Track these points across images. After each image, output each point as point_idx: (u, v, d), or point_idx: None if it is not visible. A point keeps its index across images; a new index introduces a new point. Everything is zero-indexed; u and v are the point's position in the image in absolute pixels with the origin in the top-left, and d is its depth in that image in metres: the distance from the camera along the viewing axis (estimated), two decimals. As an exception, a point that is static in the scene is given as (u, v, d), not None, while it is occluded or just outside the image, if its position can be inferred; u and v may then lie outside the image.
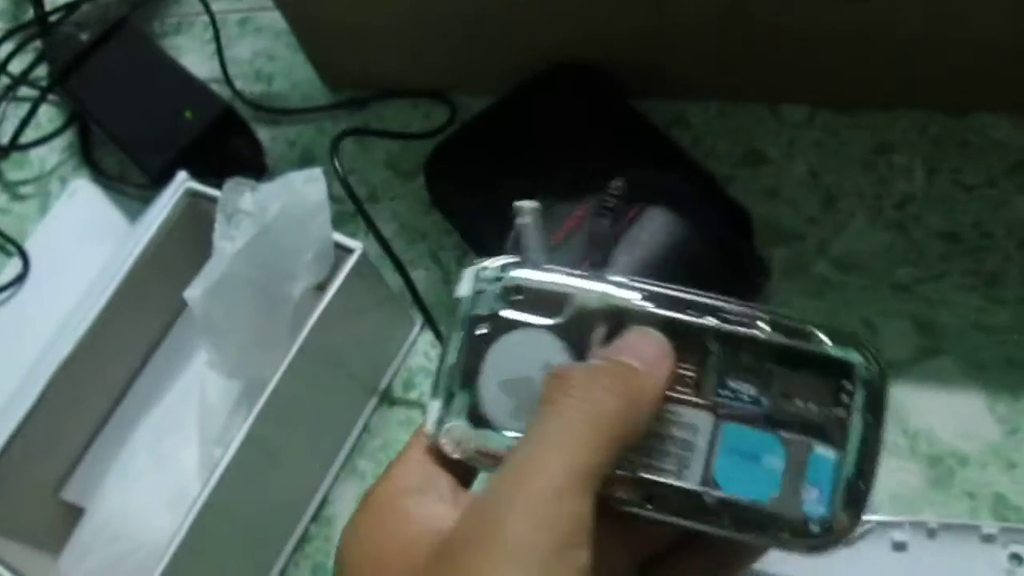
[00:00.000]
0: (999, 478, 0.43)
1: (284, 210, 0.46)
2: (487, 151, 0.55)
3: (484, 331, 0.28)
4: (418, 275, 0.56)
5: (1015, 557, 0.40)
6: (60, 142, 0.70)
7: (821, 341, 0.26)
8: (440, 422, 0.27)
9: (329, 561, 0.51)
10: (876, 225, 0.50)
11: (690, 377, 0.27)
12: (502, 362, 0.27)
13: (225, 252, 0.45)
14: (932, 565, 0.40)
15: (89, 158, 0.68)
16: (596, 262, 0.47)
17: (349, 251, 0.47)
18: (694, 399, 0.27)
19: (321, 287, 0.48)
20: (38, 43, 0.72)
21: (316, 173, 0.48)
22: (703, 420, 0.27)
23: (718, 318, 0.27)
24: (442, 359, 0.28)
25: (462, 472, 0.27)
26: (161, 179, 0.56)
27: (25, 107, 0.70)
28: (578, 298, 0.27)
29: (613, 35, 0.54)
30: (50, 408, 0.50)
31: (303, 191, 0.47)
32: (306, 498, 0.51)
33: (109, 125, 0.63)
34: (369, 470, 0.52)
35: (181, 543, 0.43)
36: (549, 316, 0.27)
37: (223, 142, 0.60)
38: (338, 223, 0.50)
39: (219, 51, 0.67)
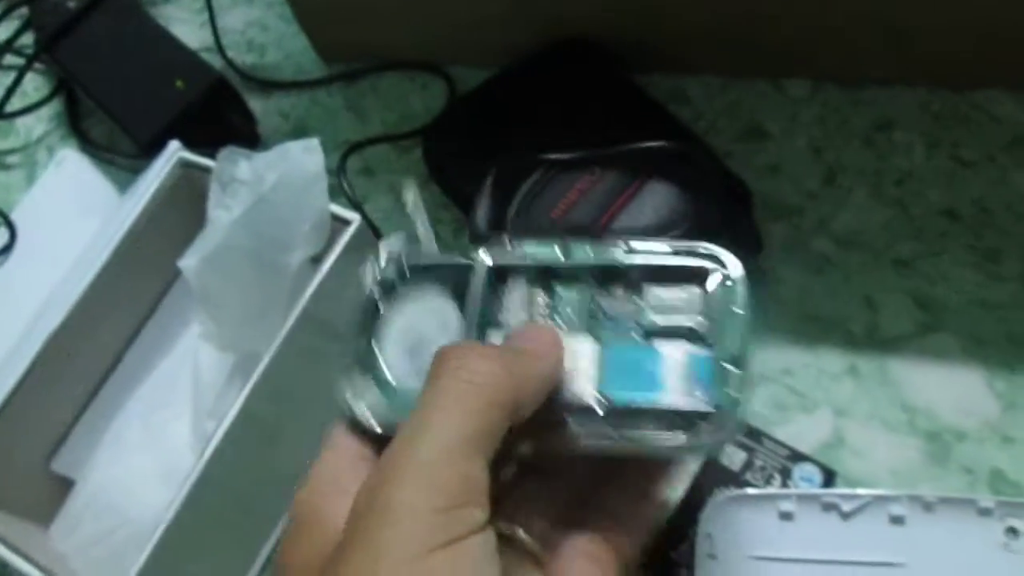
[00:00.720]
0: (997, 454, 0.43)
1: (281, 180, 0.45)
2: (485, 125, 0.54)
3: (386, 307, 0.31)
4: (414, 249, 0.56)
5: (1011, 531, 0.40)
6: (47, 111, 0.69)
7: (677, 254, 0.30)
8: (357, 398, 0.30)
9: (324, 535, 0.51)
10: (876, 201, 0.50)
11: (571, 313, 0.31)
12: (404, 332, 0.31)
13: (221, 221, 0.44)
14: (929, 539, 0.40)
15: (77, 128, 0.67)
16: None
17: (347, 222, 0.47)
18: (576, 332, 0.30)
19: (317, 259, 0.48)
20: (24, 10, 0.71)
21: (313, 143, 0.47)
22: (587, 348, 0.30)
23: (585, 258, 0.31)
24: (352, 339, 0.31)
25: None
26: (151, 149, 0.55)
27: (11, 75, 0.69)
28: (462, 266, 0.31)
29: (613, 9, 0.53)
30: (40, 379, 0.49)
31: (300, 161, 0.46)
32: (302, 474, 0.51)
33: (98, 94, 0.62)
34: (365, 444, 0.52)
35: (174, 518, 0.43)
36: (440, 285, 0.31)
37: (215, 112, 0.59)
38: (335, 195, 0.49)
39: (212, 20, 0.66)
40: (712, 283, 0.30)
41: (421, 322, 0.31)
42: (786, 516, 0.41)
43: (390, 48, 0.62)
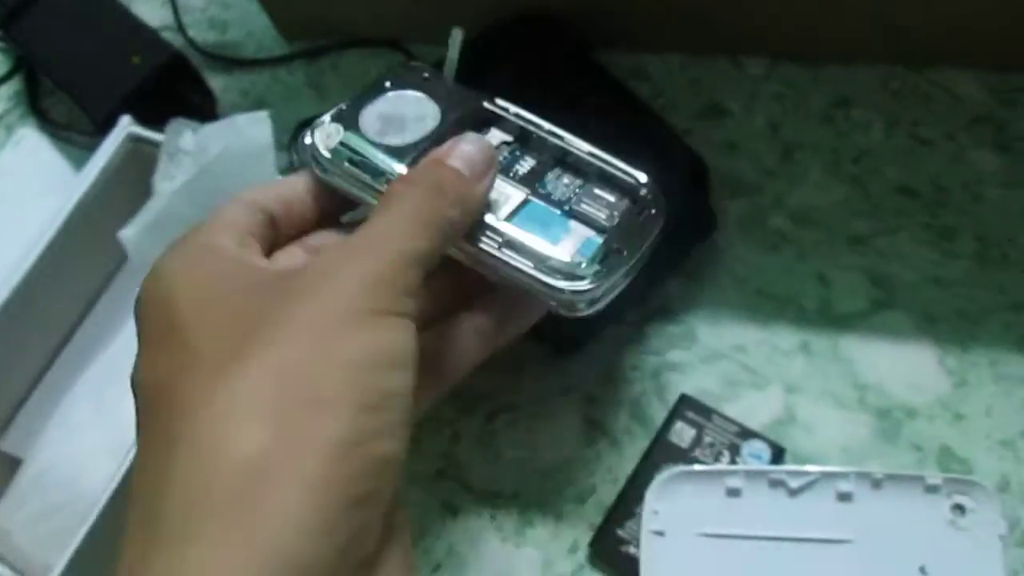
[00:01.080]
0: (946, 431, 0.43)
1: (227, 151, 0.44)
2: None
3: (387, 84, 0.38)
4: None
5: (958, 508, 0.39)
6: (6, 90, 0.68)
7: (620, 166, 0.37)
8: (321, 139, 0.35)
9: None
10: (833, 179, 0.50)
11: (521, 167, 0.37)
12: (387, 103, 0.37)
13: (164, 192, 0.43)
14: (877, 515, 0.40)
15: (36, 107, 0.66)
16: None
17: (295, 196, 0.46)
18: (515, 182, 0.36)
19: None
20: (-17, -12, 0.70)
21: (262, 115, 0.46)
22: (515, 195, 0.36)
23: (553, 133, 0.37)
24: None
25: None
26: (108, 126, 0.54)
27: (-31, 53, 0.68)
28: (465, 97, 0.38)
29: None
30: (-14, 358, 0.48)
31: (248, 133, 0.46)
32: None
33: (55, 72, 0.61)
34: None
35: (116, 490, 0.42)
36: (440, 100, 0.38)
37: (172, 89, 0.58)
38: (288, 171, 0.49)
39: (171, -2, 0.65)
40: (637, 200, 0.36)
41: (406, 108, 0.37)
42: (733, 492, 0.41)
43: (352, 25, 0.61)
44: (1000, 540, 0.39)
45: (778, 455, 0.43)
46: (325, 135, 0.35)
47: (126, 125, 0.51)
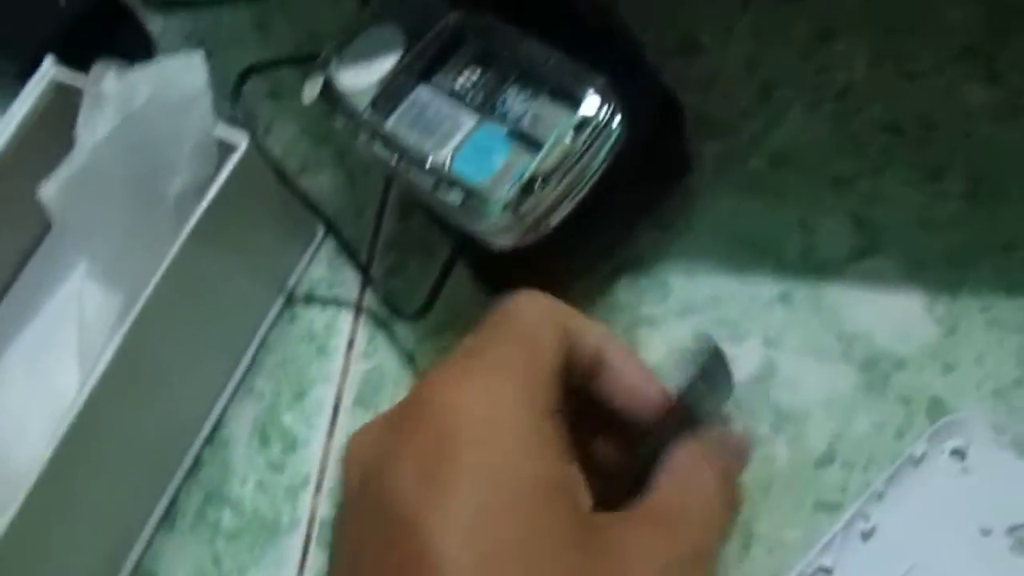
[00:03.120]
0: (935, 381, 0.40)
1: (155, 96, 0.40)
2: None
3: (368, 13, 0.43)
4: (323, 178, 0.52)
5: (956, 453, 0.37)
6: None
7: (574, 74, 0.38)
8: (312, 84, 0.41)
9: (225, 487, 0.47)
10: (814, 117, 0.47)
11: (480, 88, 0.39)
12: (358, 44, 0.42)
13: (86, 144, 0.39)
14: (899, 526, 0.37)
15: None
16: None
17: (233, 147, 0.42)
18: (471, 106, 0.39)
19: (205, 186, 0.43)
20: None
21: (196, 58, 0.42)
22: (469, 120, 0.39)
23: (517, 49, 0.39)
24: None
25: None
26: (30, 73, 0.50)
27: None
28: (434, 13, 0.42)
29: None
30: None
31: (180, 77, 0.42)
32: (198, 419, 0.47)
33: (-26, 13, 0.57)
34: (268, 388, 0.48)
35: (48, 465, 0.39)
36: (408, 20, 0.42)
37: (103, 31, 0.54)
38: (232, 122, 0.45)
39: (102, -68, 0.60)
40: (579, 112, 0.37)
41: (376, 45, 0.42)
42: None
43: (298, -39, 0.57)
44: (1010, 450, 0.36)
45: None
46: (311, 86, 0.41)
47: (49, 68, 0.47)
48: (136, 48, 0.56)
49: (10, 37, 0.53)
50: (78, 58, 0.50)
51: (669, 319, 0.43)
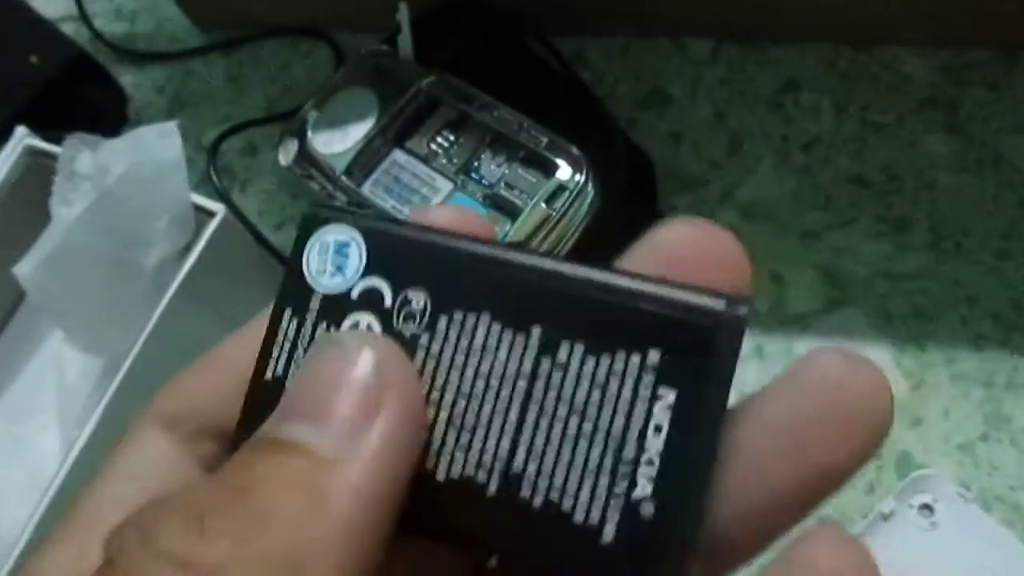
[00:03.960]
0: (904, 435, 0.41)
1: (130, 171, 0.40)
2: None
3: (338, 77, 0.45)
4: (300, 233, 0.52)
5: (925, 508, 0.38)
6: None
7: (550, 146, 0.39)
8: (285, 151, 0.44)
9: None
10: (783, 169, 0.48)
11: (456, 154, 0.41)
12: (331, 107, 0.44)
13: (61, 220, 0.40)
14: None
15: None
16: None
17: (211, 214, 0.43)
18: (446, 171, 0.41)
19: (184, 253, 0.43)
20: None
21: (169, 127, 0.42)
22: (444, 185, 0.40)
23: (490, 115, 0.41)
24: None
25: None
26: (4, 136, 0.50)
27: None
28: (406, 81, 0.44)
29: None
30: None
31: (154, 148, 0.42)
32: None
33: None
34: (250, 448, 0.48)
35: (36, 529, 0.39)
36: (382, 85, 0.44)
37: (77, 91, 0.54)
38: (205, 182, 0.45)
39: (73, -14, 0.60)
40: (554, 178, 0.39)
41: (348, 109, 0.43)
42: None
43: (270, 13, 0.57)
44: (976, 504, 0.37)
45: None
46: (286, 149, 0.43)
47: (22, 136, 0.47)
48: (110, 105, 0.56)
49: (-19, 98, 0.53)
50: (51, 117, 0.50)
51: (645, 375, 0.44)
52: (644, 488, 0.14)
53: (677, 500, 0.14)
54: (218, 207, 0.43)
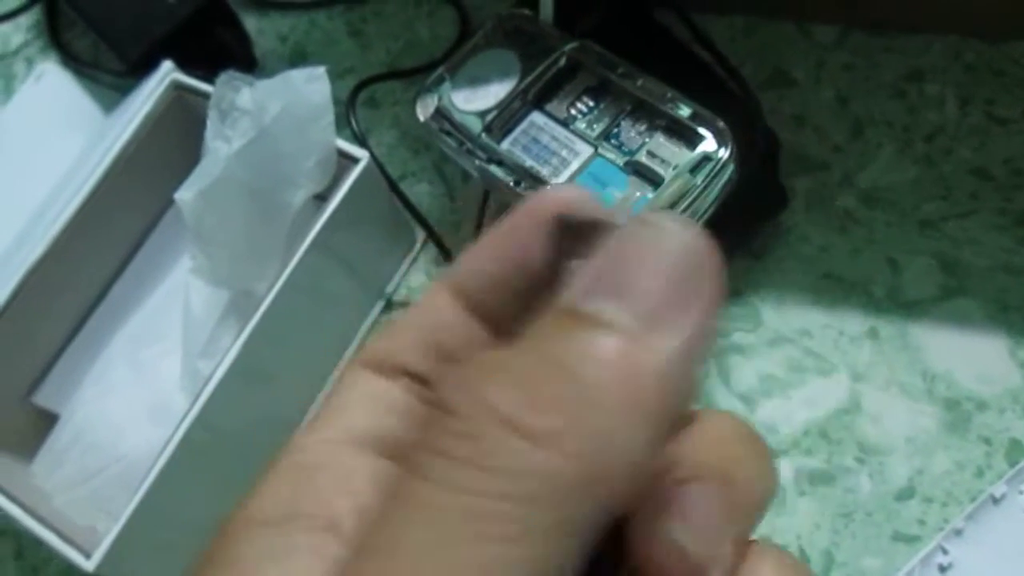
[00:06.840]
0: (1016, 423, 0.42)
1: (285, 111, 0.42)
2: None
3: (480, 39, 0.45)
4: (420, 189, 0.53)
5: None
6: (25, 20, 0.64)
7: (694, 117, 0.39)
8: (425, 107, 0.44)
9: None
10: (905, 157, 0.48)
11: (597, 120, 0.41)
12: (474, 65, 0.44)
13: (220, 153, 0.41)
14: (976, 562, 0.39)
15: (58, 40, 0.63)
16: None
17: (355, 160, 0.44)
18: (586, 136, 0.41)
19: (322, 196, 0.45)
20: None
21: (319, 72, 0.44)
22: (584, 149, 0.41)
23: (633, 83, 0.41)
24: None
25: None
26: (139, 68, 0.52)
27: (-14, -20, 0.64)
28: (550, 46, 0.44)
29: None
30: (21, 309, 0.46)
31: (304, 91, 0.43)
32: (300, 414, 0.49)
33: (82, 5, 0.58)
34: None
35: (168, 461, 0.41)
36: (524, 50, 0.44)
37: (208, 32, 0.55)
38: (340, 127, 0.46)
39: (204, -70, 0.61)
40: (698, 150, 0.39)
41: (491, 68, 0.43)
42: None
43: (396, -31, 0.58)
44: None
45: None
46: (424, 105, 0.43)
47: (169, 71, 0.48)
48: (237, 48, 0.57)
49: (121, 32, 0.55)
50: (184, 54, 0.51)
51: (759, 348, 0.45)
52: None
53: None
54: (362, 153, 0.44)
